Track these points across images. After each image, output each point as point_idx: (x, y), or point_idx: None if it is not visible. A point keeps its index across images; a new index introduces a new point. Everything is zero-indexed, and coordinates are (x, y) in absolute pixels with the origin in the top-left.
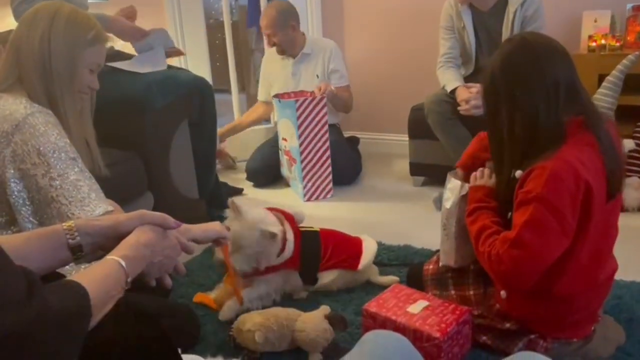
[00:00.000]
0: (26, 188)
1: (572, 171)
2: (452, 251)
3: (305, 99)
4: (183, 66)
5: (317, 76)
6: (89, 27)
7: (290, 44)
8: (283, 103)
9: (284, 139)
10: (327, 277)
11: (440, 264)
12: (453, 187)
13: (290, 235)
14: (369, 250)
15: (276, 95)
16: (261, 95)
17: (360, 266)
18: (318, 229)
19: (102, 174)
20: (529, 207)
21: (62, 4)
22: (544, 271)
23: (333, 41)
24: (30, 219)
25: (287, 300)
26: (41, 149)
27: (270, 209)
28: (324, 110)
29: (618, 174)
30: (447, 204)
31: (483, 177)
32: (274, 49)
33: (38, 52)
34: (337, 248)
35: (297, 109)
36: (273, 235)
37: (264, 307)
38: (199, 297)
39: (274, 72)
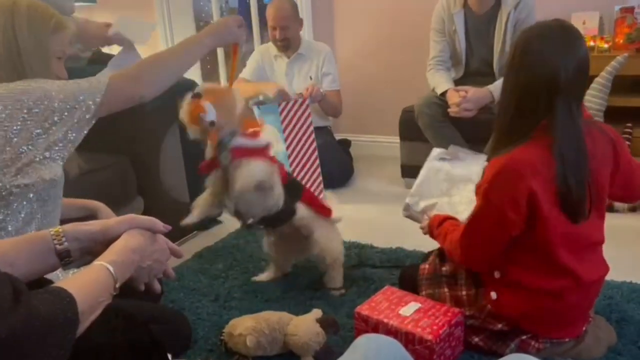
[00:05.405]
0: None
1: (517, 172)
2: None
3: (288, 103)
4: None
5: (310, 78)
6: (50, 15)
7: (296, 41)
8: (263, 109)
9: None
10: (304, 212)
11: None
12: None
13: None
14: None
15: (257, 103)
16: (246, 73)
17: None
18: None
19: (78, 170)
20: (478, 200)
21: None
22: (497, 259)
23: (328, 46)
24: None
25: (277, 304)
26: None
27: None
28: (308, 112)
29: (577, 194)
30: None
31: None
32: (266, 45)
33: (2, 48)
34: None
35: (281, 113)
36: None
37: None
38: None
39: (267, 70)
